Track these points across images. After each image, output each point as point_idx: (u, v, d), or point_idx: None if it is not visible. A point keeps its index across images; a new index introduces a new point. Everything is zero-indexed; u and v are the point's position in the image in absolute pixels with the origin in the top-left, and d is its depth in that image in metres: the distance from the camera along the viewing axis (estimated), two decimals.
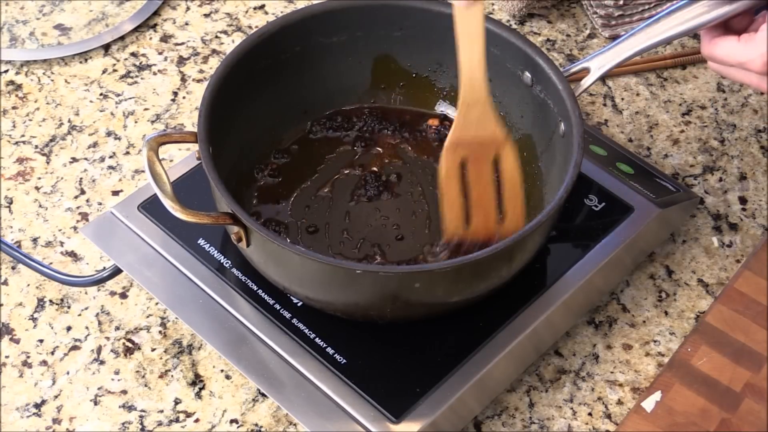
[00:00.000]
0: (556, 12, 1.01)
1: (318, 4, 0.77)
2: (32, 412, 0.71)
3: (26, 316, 0.77)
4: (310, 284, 0.67)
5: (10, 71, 0.94)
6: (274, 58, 0.76)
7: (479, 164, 0.71)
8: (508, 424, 0.71)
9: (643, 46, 0.71)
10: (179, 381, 0.73)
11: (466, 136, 0.71)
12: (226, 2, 1.02)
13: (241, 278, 0.72)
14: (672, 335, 0.76)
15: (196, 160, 0.70)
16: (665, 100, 0.93)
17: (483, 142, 0.71)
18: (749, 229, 0.83)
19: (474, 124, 0.70)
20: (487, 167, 0.71)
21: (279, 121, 0.80)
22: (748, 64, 0.65)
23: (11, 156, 0.87)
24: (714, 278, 0.80)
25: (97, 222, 0.76)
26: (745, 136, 0.90)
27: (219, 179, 0.65)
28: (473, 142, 0.71)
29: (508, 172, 0.71)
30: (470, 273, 0.65)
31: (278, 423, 0.71)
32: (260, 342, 0.69)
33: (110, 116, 0.91)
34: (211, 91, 0.70)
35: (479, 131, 0.71)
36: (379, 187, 0.77)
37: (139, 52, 0.97)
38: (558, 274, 0.73)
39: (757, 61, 0.65)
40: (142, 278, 0.73)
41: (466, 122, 0.71)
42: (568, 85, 0.71)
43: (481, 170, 0.71)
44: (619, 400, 0.73)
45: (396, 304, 0.66)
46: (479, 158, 0.71)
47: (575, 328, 0.77)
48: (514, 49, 0.75)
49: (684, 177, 0.87)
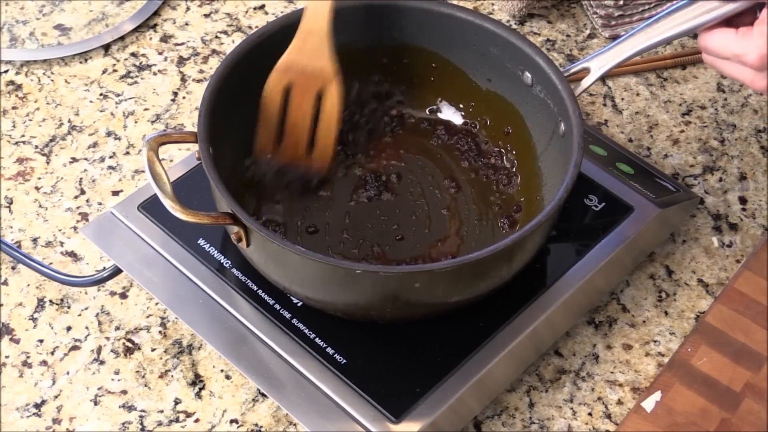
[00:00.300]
0: (556, 12, 1.01)
1: None
2: (32, 412, 0.71)
3: (26, 316, 0.77)
4: (310, 284, 0.67)
5: (10, 71, 0.95)
6: (274, 58, 0.76)
7: (303, 93, 0.74)
8: (508, 424, 0.71)
9: (643, 46, 0.71)
10: (179, 381, 0.73)
11: (298, 62, 0.73)
12: (226, 2, 1.02)
13: (241, 278, 0.72)
14: (672, 335, 0.76)
15: (196, 160, 0.70)
16: (665, 100, 0.93)
17: (312, 72, 0.73)
18: (749, 229, 0.83)
19: (308, 53, 0.73)
20: (309, 98, 0.74)
21: None
22: (743, 57, 0.65)
23: (11, 156, 0.87)
24: (714, 278, 0.80)
25: (97, 222, 0.76)
26: (745, 136, 0.90)
27: (219, 179, 0.65)
28: (304, 70, 0.73)
29: (329, 108, 0.74)
30: (470, 273, 0.65)
31: (278, 423, 0.71)
32: (260, 342, 0.69)
33: (110, 116, 0.91)
34: (211, 91, 0.70)
35: (311, 61, 0.73)
36: (379, 187, 0.77)
37: (139, 52, 0.97)
38: (558, 274, 0.73)
39: (753, 53, 0.64)
40: (142, 278, 0.73)
41: (302, 49, 0.73)
42: (568, 85, 0.71)
43: (303, 99, 0.74)
44: (619, 400, 0.73)
45: (396, 304, 0.66)
46: (304, 87, 0.74)
47: (575, 328, 0.77)
48: (514, 49, 0.75)
49: (684, 177, 0.87)
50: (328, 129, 0.75)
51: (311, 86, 0.74)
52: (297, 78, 0.74)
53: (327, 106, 0.75)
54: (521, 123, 0.78)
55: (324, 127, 0.75)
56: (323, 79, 0.74)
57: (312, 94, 0.74)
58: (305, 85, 0.74)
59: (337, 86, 0.74)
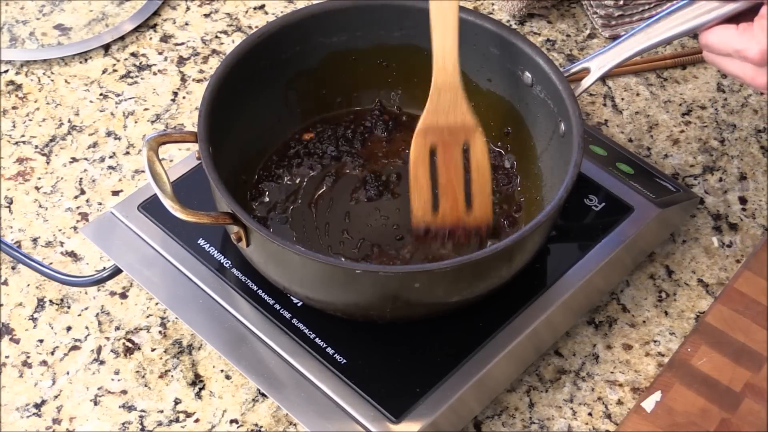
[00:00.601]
0: (556, 12, 1.01)
1: (318, 4, 0.77)
2: (32, 412, 0.71)
3: (26, 316, 0.77)
4: (310, 284, 0.67)
5: (10, 71, 0.95)
6: (274, 58, 0.76)
7: (449, 151, 0.72)
8: (508, 424, 0.71)
9: (643, 46, 0.71)
10: (179, 381, 0.73)
11: (436, 122, 0.71)
12: (226, 2, 1.02)
13: (241, 278, 0.72)
14: (672, 335, 0.76)
15: (196, 160, 0.70)
16: (665, 100, 0.93)
17: (453, 128, 0.71)
18: (749, 229, 0.83)
19: (445, 110, 0.71)
20: (456, 154, 0.72)
21: (279, 121, 0.80)
22: (743, 52, 0.65)
23: (11, 156, 0.87)
24: (714, 278, 0.80)
25: (97, 222, 0.76)
26: (745, 136, 0.90)
27: (219, 179, 0.65)
28: (444, 128, 0.71)
29: (478, 160, 0.72)
30: (470, 273, 0.65)
31: (278, 423, 0.71)
32: (260, 342, 0.69)
33: (110, 116, 0.91)
34: (211, 91, 0.70)
35: (450, 117, 0.71)
36: (379, 187, 0.77)
37: (139, 52, 0.97)
38: (558, 274, 0.73)
39: (754, 48, 0.64)
40: (142, 278, 0.73)
41: (438, 108, 0.71)
42: (568, 85, 0.71)
43: (450, 157, 0.72)
44: (619, 400, 0.73)
45: (396, 304, 0.66)
46: (449, 145, 0.72)
47: (575, 328, 0.77)
48: (514, 49, 0.75)
49: (684, 177, 0.87)
50: (482, 180, 0.72)
51: (456, 142, 0.72)
52: (439, 139, 0.72)
53: (476, 157, 0.72)
54: (521, 123, 0.78)
55: (478, 178, 0.72)
56: (466, 132, 0.72)
57: (458, 149, 0.72)
58: (449, 143, 0.72)
59: (481, 136, 0.72)
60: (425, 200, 0.72)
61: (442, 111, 0.71)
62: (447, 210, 0.73)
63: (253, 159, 0.78)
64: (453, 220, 0.73)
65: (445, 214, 0.73)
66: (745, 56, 0.65)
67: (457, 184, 0.72)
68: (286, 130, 0.80)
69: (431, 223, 0.73)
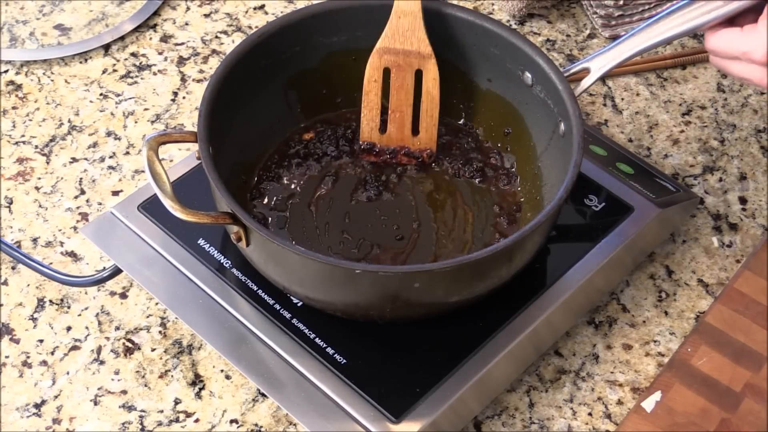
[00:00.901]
0: (556, 12, 1.01)
1: (318, 4, 0.77)
2: (32, 412, 0.71)
3: (26, 316, 0.77)
4: (310, 284, 0.67)
5: (10, 71, 0.95)
6: (274, 58, 0.76)
7: (401, 75, 0.77)
8: (508, 424, 0.71)
9: (643, 46, 0.71)
10: (179, 381, 0.73)
11: (393, 45, 0.76)
12: (226, 2, 1.02)
13: (241, 278, 0.72)
14: (672, 335, 0.76)
15: (196, 160, 0.70)
16: (665, 100, 0.93)
17: (409, 53, 0.76)
18: (749, 229, 0.83)
19: (402, 35, 0.75)
20: (408, 79, 0.77)
21: (279, 121, 0.80)
22: (750, 54, 0.65)
23: (11, 156, 0.87)
24: (714, 278, 0.80)
25: (97, 222, 0.76)
26: (745, 136, 0.90)
27: (219, 179, 0.65)
28: (399, 51, 0.76)
29: (429, 87, 0.77)
30: (470, 273, 0.65)
31: (278, 423, 0.71)
32: (260, 342, 0.69)
33: (110, 116, 0.91)
34: (211, 91, 0.70)
35: (406, 42, 0.75)
36: (379, 187, 0.77)
37: (139, 52, 0.97)
38: (558, 274, 0.73)
39: (759, 50, 0.64)
40: (142, 278, 0.73)
41: (396, 32, 0.75)
42: (568, 85, 0.71)
43: (402, 81, 0.77)
44: (619, 400, 0.73)
45: (396, 304, 0.66)
46: (402, 69, 0.77)
47: (575, 328, 0.77)
48: (514, 49, 0.75)
49: (684, 177, 0.87)
50: (431, 107, 0.77)
51: (409, 66, 0.76)
52: (394, 60, 0.76)
53: (428, 85, 0.76)
54: (521, 123, 0.78)
55: (427, 104, 0.77)
56: (420, 59, 0.76)
57: (411, 74, 0.76)
58: (403, 66, 0.76)
59: (434, 65, 0.76)
60: (374, 118, 0.78)
61: (399, 35, 0.75)
62: (393, 132, 0.78)
63: (253, 159, 0.78)
64: (398, 141, 0.79)
65: (391, 135, 0.78)
66: (751, 58, 0.65)
67: (406, 108, 0.77)
68: (286, 130, 0.80)
69: (377, 140, 0.79)
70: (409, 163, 0.79)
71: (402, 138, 0.78)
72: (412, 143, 0.78)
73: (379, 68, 0.76)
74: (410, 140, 0.78)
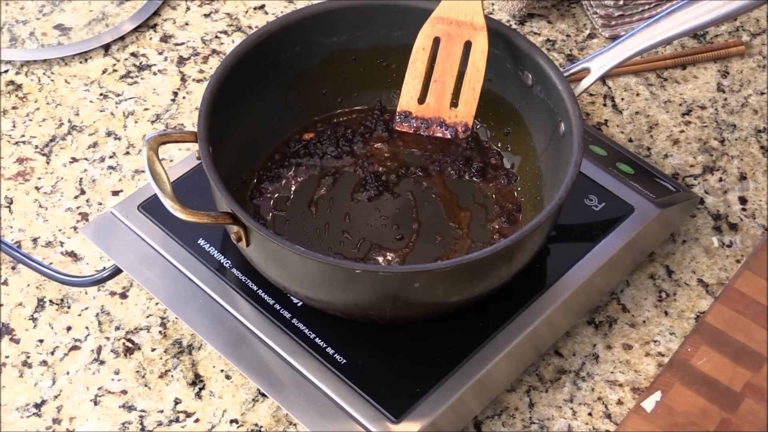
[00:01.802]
0: (556, 12, 1.01)
1: (318, 4, 0.77)
2: (32, 412, 0.72)
3: (26, 316, 0.77)
4: (310, 284, 0.67)
5: (10, 71, 0.95)
6: (274, 58, 0.76)
7: (450, 45, 0.76)
8: (508, 424, 0.71)
9: (643, 46, 0.71)
10: (179, 381, 0.73)
11: (448, 14, 0.76)
12: (226, 2, 1.02)
13: (241, 278, 0.72)
14: (672, 335, 0.76)
15: (196, 160, 0.70)
16: (665, 100, 0.93)
17: (461, 23, 0.76)
18: (749, 229, 0.83)
19: (457, 5, 0.75)
20: (456, 50, 0.76)
21: (279, 121, 0.80)
22: None
23: (11, 156, 0.87)
24: (714, 278, 0.80)
25: (97, 222, 0.76)
26: (745, 136, 0.90)
27: (219, 179, 0.65)
28: (453, 21, 0.76)
29: (476, 60, 0.76)
30: (470, 273, 0.65)
31: (278, 423, 0.71)
32: (260, 342, 0.69)
33: (110, 116, 0.91)
34: (211, 91, 0.70)
35: (461, 13, 0.75)
36: (379, 187, 0.77)
37: (139, 52, 0.97)
38: (558, 274, 0.73)
39: None
40: (142, 278, 0.73)
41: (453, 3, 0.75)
42: (568, 85, 0.71)
43: (450, 51, 0.76)
44: (619, 400, 0.73)
45: (396, 304, 0.66)
46: (452, 38, 0.76)
47: (575, 328, 0.77)
48: (514, 49, 0.75)
49: (684, 177, 0.87)
50: (474, 79, 0.76)
51: (459, 37, 0.76)
52: (446, 30, 0.76)
53: (475, 57, 0.76)
54: (521, 123, 0.78)
55: (471, 77, 0.76)
56: (471, 30, 0.75)
57: (460, 45, 0.76)
58: (453, 36, 0.76)
59: (485, 38, 0.75)
60: (416, 86, 0.77)
61: (455, 5, 0.75)
62: (432, 102, 0.78)
63: (253, 159, 0.78)
64: (435, 111, 0.78)
65: (429, 105, 0.78)
66: None
67: (449, 79, 0.77)
68: (286, 130, 0.80)
69: (415, 110, 0.78)
70: (443, 137, 0.78)
71: (439, 109, 0.77)
72: (448, 116, 0.77)
73: (430, 36, 0.76)
74: (447, 112, 0.77)
